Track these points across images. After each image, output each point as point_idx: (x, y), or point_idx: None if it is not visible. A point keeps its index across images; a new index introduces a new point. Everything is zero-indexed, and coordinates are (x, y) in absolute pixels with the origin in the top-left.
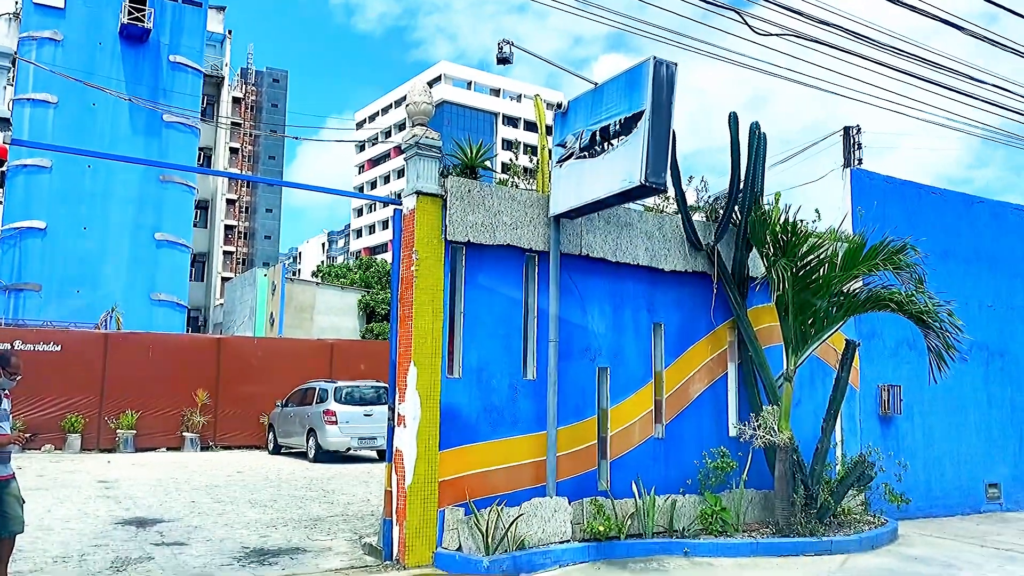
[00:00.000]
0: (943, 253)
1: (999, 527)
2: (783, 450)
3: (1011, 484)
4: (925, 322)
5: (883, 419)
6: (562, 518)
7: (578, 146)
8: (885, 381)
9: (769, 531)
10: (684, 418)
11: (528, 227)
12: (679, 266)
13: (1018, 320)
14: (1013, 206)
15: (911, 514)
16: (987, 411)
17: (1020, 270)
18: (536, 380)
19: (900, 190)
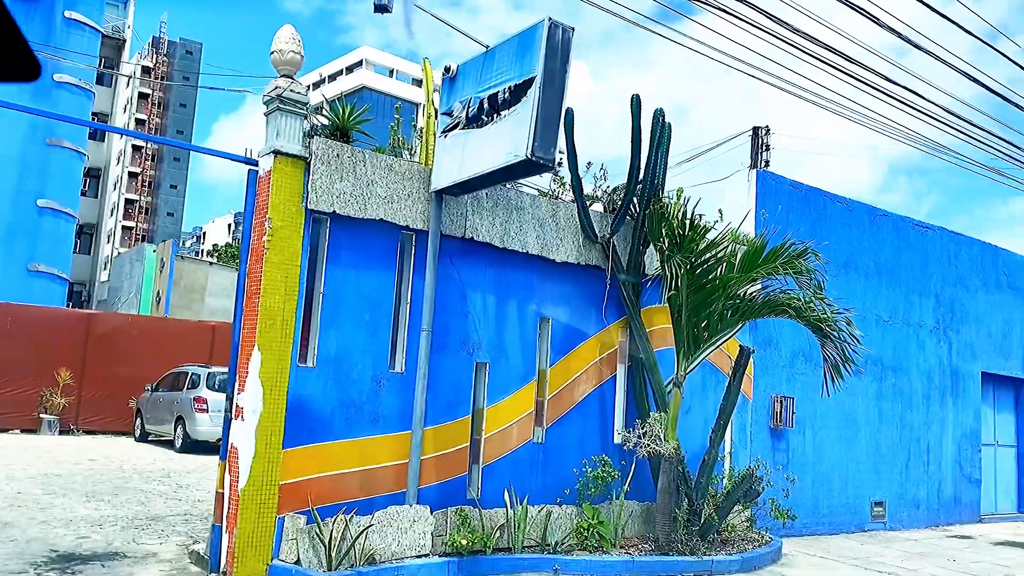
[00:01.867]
0: (844, 264)
1: (882, 547)
2: (668, 460)
3: (896, 503)
4: (823, 330)
5: (775, 432)
6: (422, 529)
7: (465, 115)
8: (779, 392)
9: (649, 547)
10: (567, 422)
11: (406, 202)
12: (572, 258)
13: (913, 337)
14: (915, 222)
15: (797, 531)
16: (878, 428)
17: (918, 287)
18: (404, 373)
19: (806, 196)
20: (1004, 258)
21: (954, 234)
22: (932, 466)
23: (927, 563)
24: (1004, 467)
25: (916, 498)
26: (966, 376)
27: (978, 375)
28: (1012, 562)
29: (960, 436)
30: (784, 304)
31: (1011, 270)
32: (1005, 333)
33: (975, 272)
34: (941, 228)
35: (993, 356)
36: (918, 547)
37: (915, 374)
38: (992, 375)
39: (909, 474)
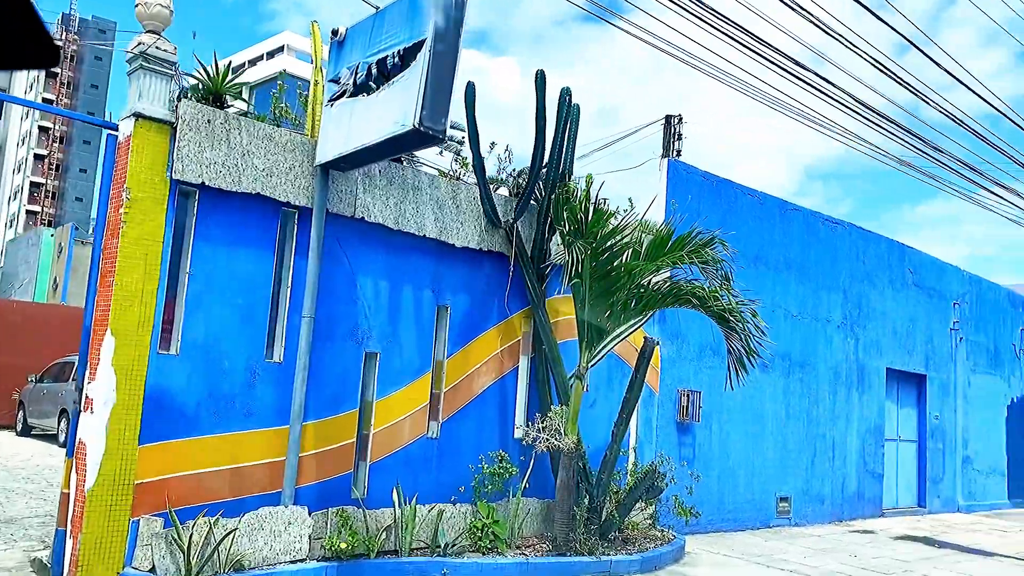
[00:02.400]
0: (755, 257)
1: (786, 544)
2: (568, 456)
3: (801, 498)
4: (728, 322)
5: (681, 426)
6: (298, 532)
7: (353, 82)
8: (686, 386)
9: (546, 548)
10: (465, 416)
11: (287, 175)
12: (473, 243)
13: (821, 333)
14: (825, 217)
15: (702, 528)
16: (784, 423)
17: (826, 282)
18: (283, 363)
19: (717, 187)
20: (910, 256)
21: (862, 231)
22: (837, 461)
23: (829, 559)
24: (906, 461)
25: (821, 493)
26: (872, 372)
27: (883, 371)
28: (911, 556)
29: (865, 431)
30: (688, 294)
31: (916, 268)
32: (909, 330)
33: (882, 269)
34: (850, 224)
35: (898, 352)
36: (821, 543)
37: (822, 369)
38: (896, 371)
39: (815, 469)
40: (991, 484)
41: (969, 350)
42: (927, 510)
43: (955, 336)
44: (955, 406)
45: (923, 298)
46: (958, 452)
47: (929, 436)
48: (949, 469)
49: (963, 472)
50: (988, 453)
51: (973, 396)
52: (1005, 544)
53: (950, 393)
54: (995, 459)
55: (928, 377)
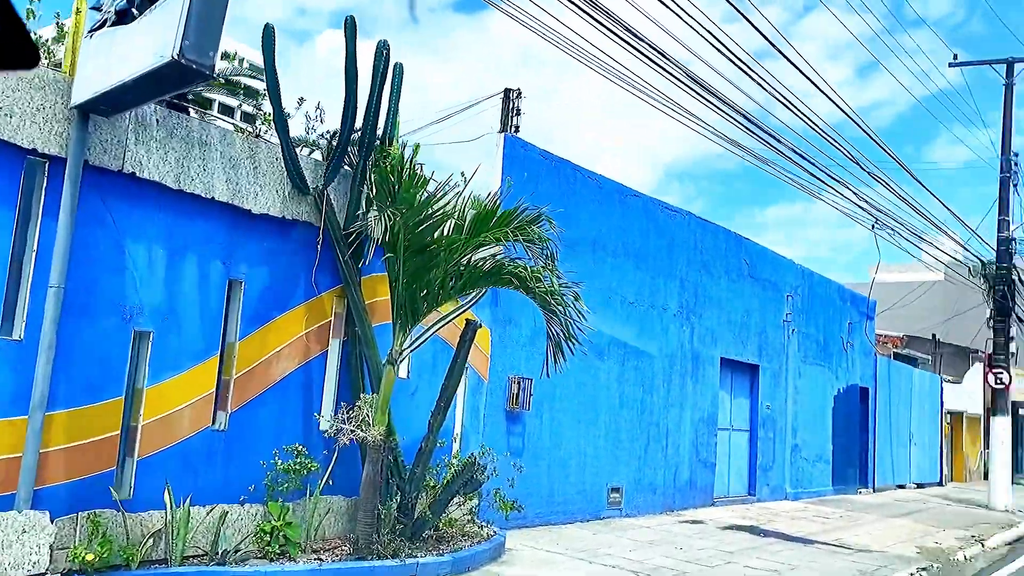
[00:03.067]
0: (593, 242)
1: (614, 536)
2: (375, 449)
3: (633, 488)
4: (549, 304)
5: (511, 415)
6: (36, 541)
7: (115, 8)
8: (517, 373)
9: (347, 551)
10: (261, 405)
11: (34, 118)
12: (275, 210)
13: (657, 321)
14: (664, 205)
15: (530, 522)
16: (618, 412)
17: (664, 270)
18: (23, 341)
19: (557, 168)
20: (747, 248)
21: (701, 220)
22: (670, 450)
23: (655, 552)
24: (738, 450)
25: (653, 483)
26: (706, 361)
27: (718, 360)
28: (735, 546)
29: (698, 420)
30: (510, 273)
31: (752, 260)
32: (744, 320)
33: (719, 259)
34: (689, 214)
35: (732, 342)
36: (650, 535)
37: (658, 357)
38: (731, 361)
39: (647, 459)
40: (817, 471)
41: (800, 342)
42: (756, 498)
43: (788, 328)
44: (786, 396)
45: (758, 289)
46: (788, 441)
47: (761, 425)
48: (779, 457)
49: (792, 460)
50: (815, 442)
51: (803, 386)
52: (825, 531)
53: (781, 383)
54: (822, 447)
55: (761, 367)
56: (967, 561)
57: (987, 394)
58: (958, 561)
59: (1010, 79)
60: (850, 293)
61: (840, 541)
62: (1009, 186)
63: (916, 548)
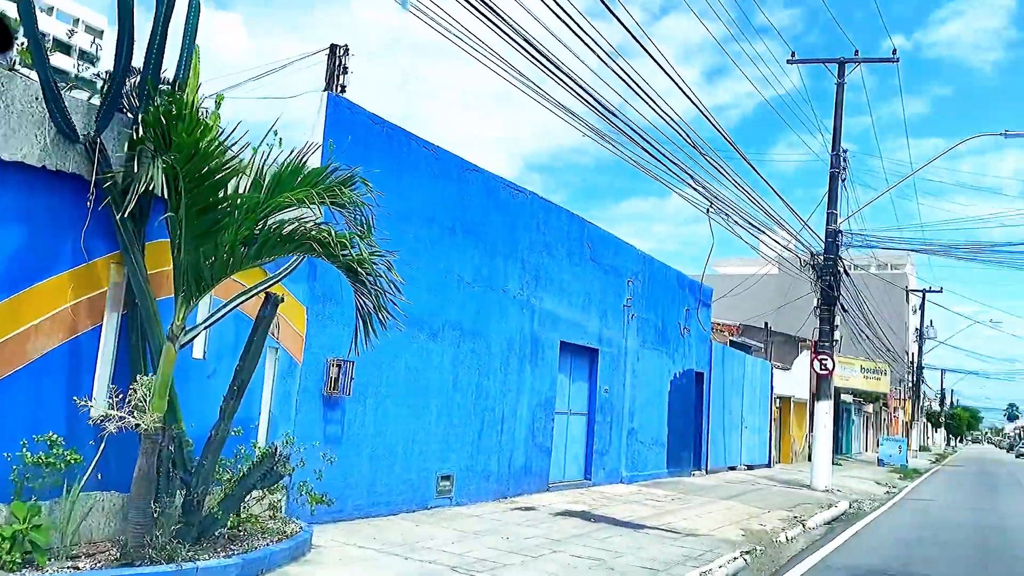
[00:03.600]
0: (429, 218)
1: (439, 528)
2: (149, 437)
3: (465, 476)
4: (357, 274)
5: (329, 401)
6: None
7: None
8: (338, 355)
9: (114, 555)
10: (10, 388)
11: None
12: (33, 158)
13: (496, 302)
14: (506, 182)
15: (348, 515)
16: (451, 396)
17: (505, 250)
18: None
19: (388, 135)
20: (590, 231)
21: (545, 201)
22: (505, 436)
23: (479, 543)
24: (575, 435)
25: (487, 469)
26: (546, 344)
27: (557, 344)
28: (565, 534)
29: (536, 405)
30: (312, 238)
31: (595, 244)
32: (585, 304)
33: (561, 241)
34: (532, 193)
35: (573, 326)
36: (478, 524)
37: (495, 340)
38: (571, 344)
39: (481, 445)
40: (652, 455)
41: (640, 327)
42: (592, 482)
43: (628, 312)
44: (624, 380)
45: (600, 274)
46: (624, 425)
47: (599, 409)
48: (615, 441)
49: (628, 444)
50: (652, 425)
51: (641, 371)
52: (656, 515)
53: (620, 368)
54: (657, 431)
55: (601, 351)
56: (788, 542)
57: (813, 380)
58: (780, 543)
59: (841, 79)
60: (688, 280)
61: (669, 525)
62: (838, 181)
63: (741, 531)
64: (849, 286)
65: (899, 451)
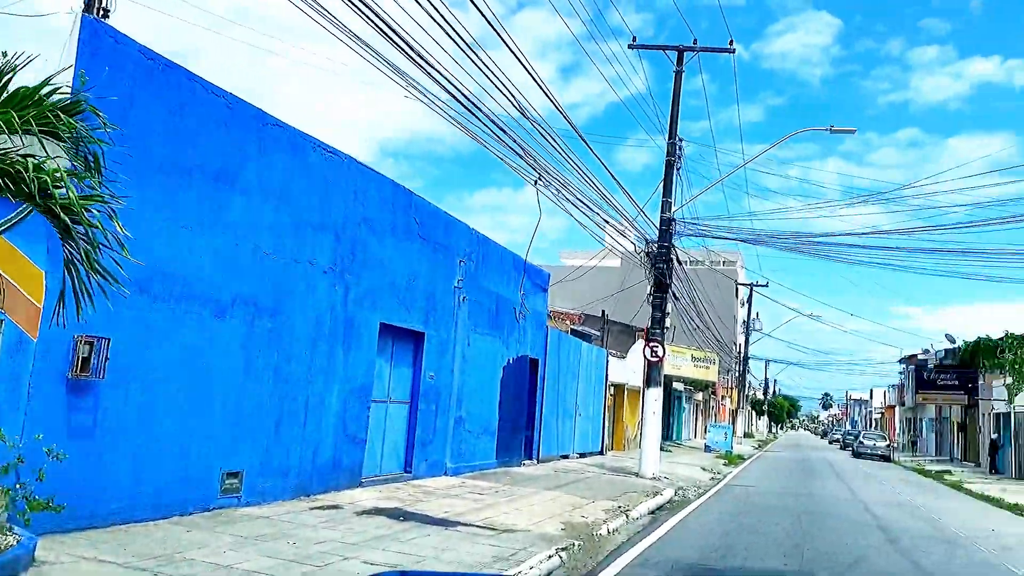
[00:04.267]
0: (217, 175)
1: (214, 534)
2: None
3: (258, 472)
4: (66, 225)
5: (76, 385)
6: None
7: None
8: (90, 331)
9: None
10: None
11: None
12: None
13: (302, 277)
14: (318, 142)
15: (103, 521)
16: (242, 382)
17: (315, 219)
18: None
19: (165, 73)
20: (417, 205)
21: (365, 168)
22: (311, 427)
23: (257, 551)
24: (395, 425)
25: (286, 464)
26: (362, 326)
27: (376, 326)
28: (365, 536)
29: (348, 392)
30: None
31: (423, 219)
32: (410, 284)
33: (385, 214)
34: (349, 157)
35: (395, 307)
36: (265, 527)
37: (301, 320)
38: (392, 327)
39: (280, 437)
40: (481, 444)
41: (471, 310)
42: (412, 476)
43: (458, 294)
44: (452, 366)
45: (428, 251)
46: (452, 413)
47: (423, 397)
48: (441, 431)
49: (455, 433)
50: (481, 413)
51: (472, 356)
52: (476, 509)
53: (449, 352)
54: (487, 419)
55: (427, 335)
56: (609, 535)
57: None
58: (601, 536)
59: (680, 67)
60: (525, 264)
61: (487, 521)
62: (673, 170)
63: (562, 524)
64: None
65: (725, 437)
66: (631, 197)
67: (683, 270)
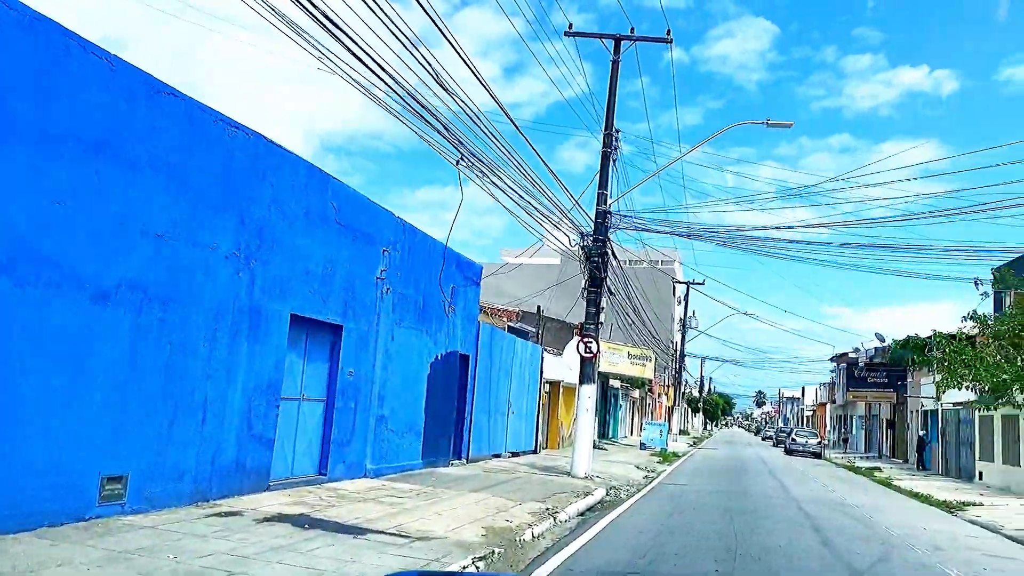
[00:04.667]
0: (98, 145)
1: (83, 548)
2: None
3: (147, 476)
4: None
5: None
6: None
7: None
8: None
9: None
10: None
11: None
12: None
13: (201, 262)
14: (219, 115)
15: None
16: (128, 376)
17: (216, 199)
18: None
19: (32, 27)
20: (336, 190)
21: (275, 145)
22: (210, 426)
23: (126, 568)
24: (310, 424)
25: (181, 467)
26: (271, 317)
27: (287, 317)
28: (261, 547)
29: (254, 389)
30: None
31: (343, 205)
32: (327, 273)
33: (298, 197)
34: (256, 133)
35: (309, 298)
36: (147, 538)
37: (198, 310)
38: (306, 319)
39: (173, 437)
40: (406, 444)
41: (396, 302)
42: (328, 478)
43: (382, 286)
44: (375, 361)
45: (347, 239)
46: (373, 411)
47: (340, 394)
48: (360, 430)
49: (377, 433)
50: (406, 412)
51: (396, 351)
52: (391, 514)
53: (370, 347)
54: (413, 418)
55: (346, 328)
56: (534, 540)
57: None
58: (524, 542)
59: (617, 56)
60: (456, 256)
61: (401, 528)
62: (610, 161)
63: (483, 530)
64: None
65: (660, 435)
66: (565, 188)
67: (620, 266)
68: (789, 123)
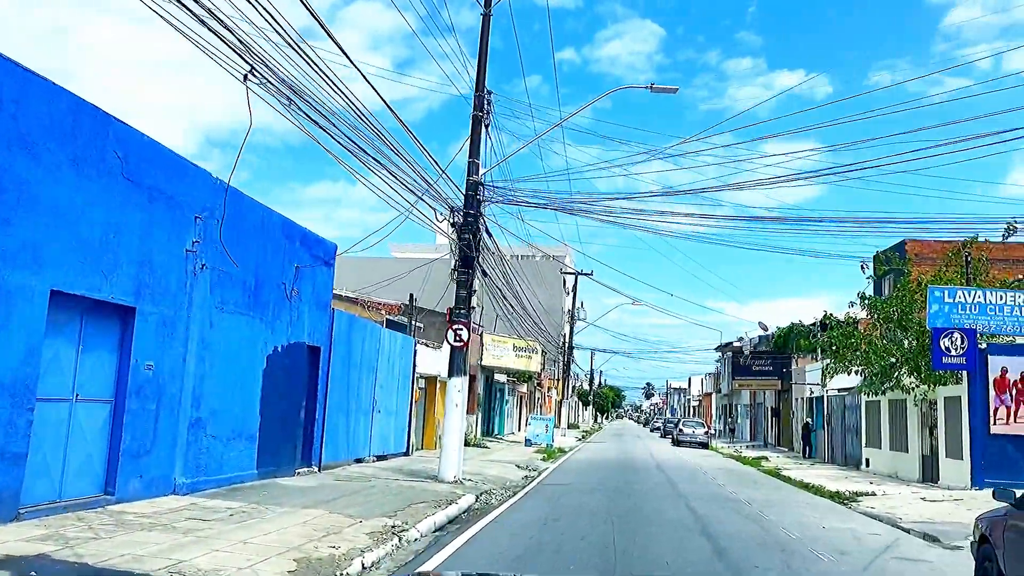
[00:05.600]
0: None
1: None
2: None
3: None
4: None
5: None
6: None
7: None
8: None
9: None
10: None
11: None
12: None
13: None
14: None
15: None
16: None
17: None
18: None
19: None
20: (121, 135)
21: (23, 69)
22: None
23: None
24: (88, 431)
25: None
26: (19, 294)
27: (46, 295)
28: None
29: None
30: None
31: (132, 155)
32: (109, 240)
33: (63, 140)
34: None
35: (81, 270)
36: None
37: None
38: (76, 297)
39: None
40: (233, 452)
41: (217, 281)
42: (115, 498)
43: (195, 261)
44: (186, 353)
45: (142, 200)
46: (185, 414)
47: (135, 393)
48: (165, 437)
49: (192, 440)
50: (234, 413)
51: (218, 341)
52: (180, 546)
53: (179, 336)
54: (244, 421)
55: (141, 311)
56: (364, 571)
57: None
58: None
59: (488, 9)
60: (301, 231)
61: (176, 568)
62: (481, 126)
63: (295, 563)
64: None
65: (545, 430)
66: (430, 155)
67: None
68: (674, 88)
